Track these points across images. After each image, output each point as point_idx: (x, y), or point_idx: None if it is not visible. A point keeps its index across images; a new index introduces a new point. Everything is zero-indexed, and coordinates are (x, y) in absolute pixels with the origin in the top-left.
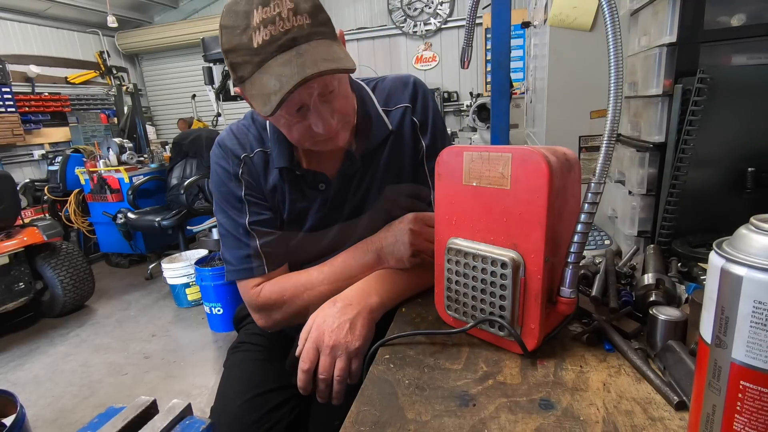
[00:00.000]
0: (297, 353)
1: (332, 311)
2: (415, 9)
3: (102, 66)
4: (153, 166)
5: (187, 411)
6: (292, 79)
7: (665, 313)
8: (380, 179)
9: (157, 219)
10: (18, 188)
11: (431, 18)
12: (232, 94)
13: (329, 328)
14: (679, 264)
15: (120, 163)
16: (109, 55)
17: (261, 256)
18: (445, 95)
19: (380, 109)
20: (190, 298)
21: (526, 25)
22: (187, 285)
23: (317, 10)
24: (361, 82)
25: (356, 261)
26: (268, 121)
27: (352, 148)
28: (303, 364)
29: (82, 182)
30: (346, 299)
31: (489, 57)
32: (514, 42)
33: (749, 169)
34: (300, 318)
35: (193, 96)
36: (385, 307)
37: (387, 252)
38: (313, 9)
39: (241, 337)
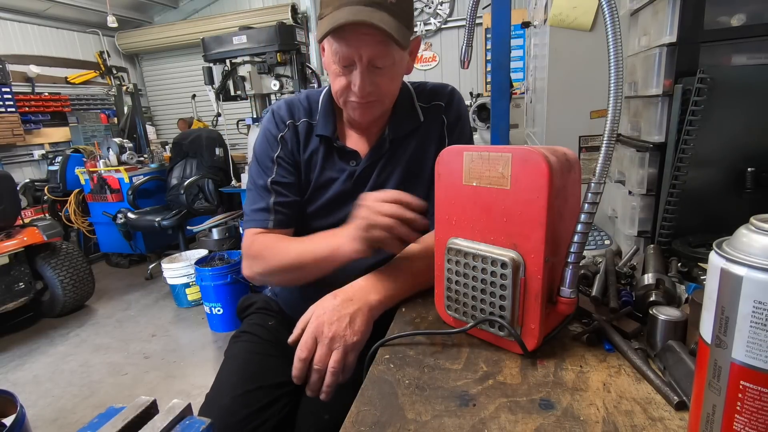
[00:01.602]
0: (291, 340)
1: (332, 304)
2: (415, 9)
3: (102, 66)
4: (153, 166)
5: (187, 411)
6: (350, 17)
7: (665, 313)
8: (404, 167)
9: (157, 219)
10: (18, 188)
11: (431, 18)
12: (232, 94)
13: (329, 320)
14: (679, 264)
15: (120, 163)
16: (109, 55)
17: (271, 212)
18: None
19: (416, 102)
20: (190, 298)
21: (526, 25)
22: (187, 285)
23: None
24: (406, 82)
25: (324, 240)
26: (320, 98)
27: (385, 132)
28: (300, 353)
29: (82, 182)
30: (347, 294)
31: (489, 57)
32: (514, 42)
33: (749, 169)
34: (272, 278)
35: (193, 96)
36: (384, 306)
37: (342, 235)
38: None
39: (243, 327)
